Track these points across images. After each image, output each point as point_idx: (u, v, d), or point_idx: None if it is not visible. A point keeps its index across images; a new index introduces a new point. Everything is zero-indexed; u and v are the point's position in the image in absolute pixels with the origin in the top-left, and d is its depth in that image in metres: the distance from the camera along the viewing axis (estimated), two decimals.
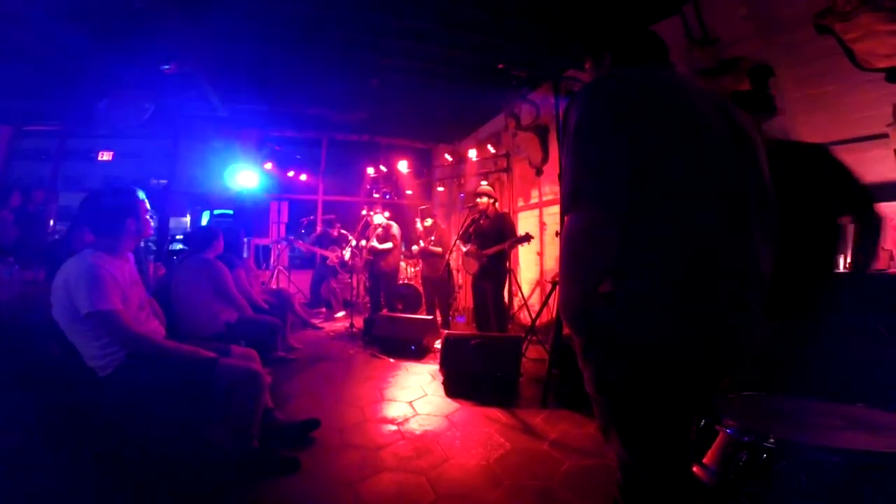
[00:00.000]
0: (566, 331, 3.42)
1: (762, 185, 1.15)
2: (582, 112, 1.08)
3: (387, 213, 6.41)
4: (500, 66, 3.69)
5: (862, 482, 0.92)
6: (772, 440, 1.00)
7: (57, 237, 4.84)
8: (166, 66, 4.29)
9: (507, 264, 4.93)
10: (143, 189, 2.23)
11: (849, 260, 3.24)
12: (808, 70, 3.17)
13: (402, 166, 7.88)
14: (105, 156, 6.97)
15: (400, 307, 6.35)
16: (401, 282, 6.63)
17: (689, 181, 1.04)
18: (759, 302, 1.10)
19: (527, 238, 4.59)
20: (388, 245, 5.98)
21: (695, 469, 1.17)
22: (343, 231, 7.09)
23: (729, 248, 1.05)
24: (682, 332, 1.03)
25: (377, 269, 6.09)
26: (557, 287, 1.13)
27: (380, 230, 6.06)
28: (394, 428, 2.87)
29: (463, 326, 6.35)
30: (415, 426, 2.90)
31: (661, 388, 1.06)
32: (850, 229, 3.30)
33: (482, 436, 2.75)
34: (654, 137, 1.03)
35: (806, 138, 3.45)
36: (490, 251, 4.65)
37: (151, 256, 5.02)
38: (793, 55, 3.19)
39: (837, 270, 3.20)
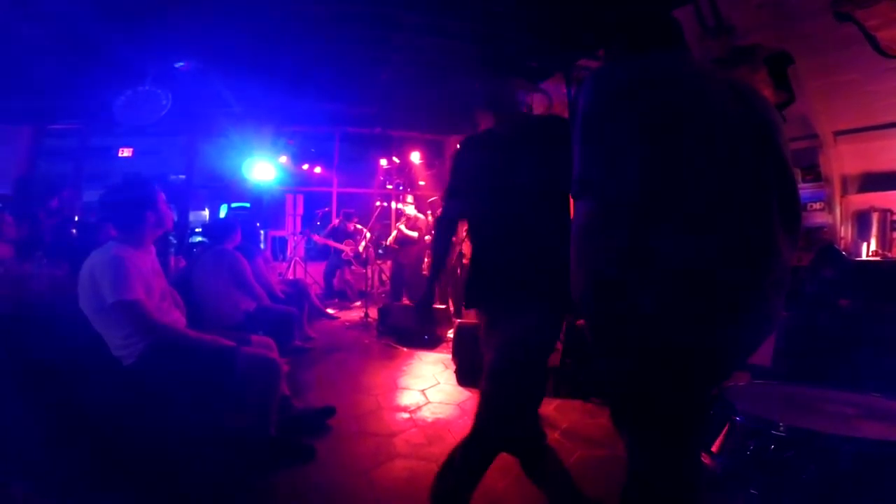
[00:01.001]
0: (579, 320, 3.42)
1: (782, 171, 1.10)
2: (588, 100, 1.08)
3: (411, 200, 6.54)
4: (512, 57, 3.66)
5: (877, 472, 0.89)
6: (781, 428, 0.99)
7: (78, 232, 4.99)
8: (180, 63, 4.35)
9: None
10: (163, 183, 2.30)
11: (872, 248, 3.18)
12: (827, 58, 3.10)
13: (415, 158, 7.90)
14: (125, 152, 7.16)
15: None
16: None
17: (700, 168, 1.01)
18: (779, 291, 1.07)
19: None
20: (415, 234, 6.09)
21: (704, 458, 1.16)
22: (359, 226, 7.18)
23: (746, 236, 1.02)
24: (696, 321, 1.01)
25: (402, 259, 6.20)
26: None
27: (407, 220, 6.19)
28: (407, 416, 2.93)
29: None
30: (427, 414, 2.96)
31: (673, 377, 1.05)
32: (875, 217, 3.23)
33: None
34: (661, 124, 1.01)
35: (825, 126, 3.39)
36: None
37: (172, 249, 5.16)
38: (810, 44, 3.12)
39: (860, 258, 3.15)
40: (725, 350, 1.08)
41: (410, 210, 6.29)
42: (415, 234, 6.12)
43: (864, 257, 3.01)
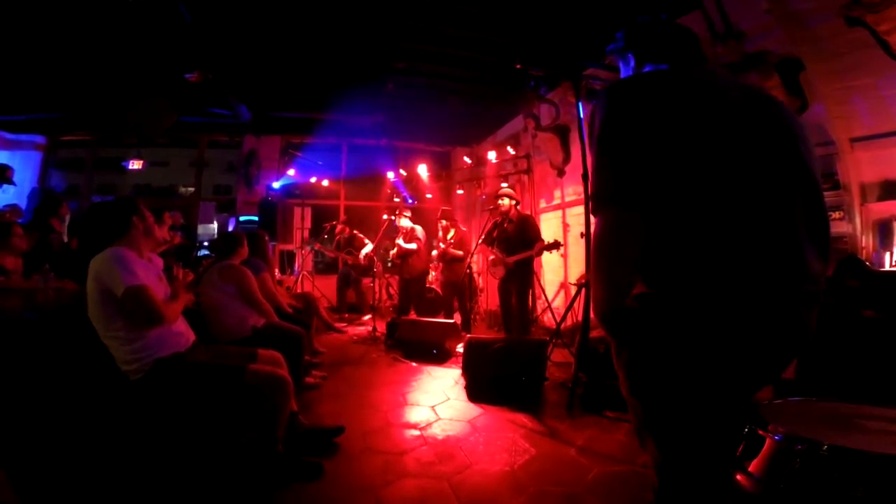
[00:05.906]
0: (593, 333, 3.34)
1: (806, 181, 1.09)
2: (604, 114, 1.07)
3: (408, 214, 6.46)
4: (518, 66, 3.64)
5: None
6: (825, 448, 0.94)
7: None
8: (190, 75, 4.40)
9: (533, 267, 4.89)
10: (172, 196, 2.32)
11: (895, 258, 3.09)
12: (839, 63, 3.05)
13: (422, 170, 7.90)
14: (135, 164, 7.27)
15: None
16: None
17: (719, 180, 1.00)
18: (807, 303, 1.05)
19: (556, 245, 4.55)
20: (413, 246, 6.02)
21: (738, 477, 1.12)
22: (346, 227, 7.21)
23: (768, 248, 1.00)
24: (718, 334, 0.99)
25: (406, 273, 6.14)
26: (584, 289, 1.10)
27: (404, 233, 6.13)
28: (416, 433, 2.86)
29: (485, 329, 6.30)
30: (437, 431, 2.89)
31: (696, 392, 1.03)
32: None
33: (506, 441, 2.72)
34: (681, 138, 1.00)
35: (841, 133, 3.32)
36: (517, 258, 4.61)
37: (181, 262, 5.14)
38: (821, 48, 3.07)
39: (884, 269, 3.06)
40: (754, 366, 1.05)
41: (405, 223, 6.22)
42: (413, 245, 6.05)
43: (887, 268, 2.91)
